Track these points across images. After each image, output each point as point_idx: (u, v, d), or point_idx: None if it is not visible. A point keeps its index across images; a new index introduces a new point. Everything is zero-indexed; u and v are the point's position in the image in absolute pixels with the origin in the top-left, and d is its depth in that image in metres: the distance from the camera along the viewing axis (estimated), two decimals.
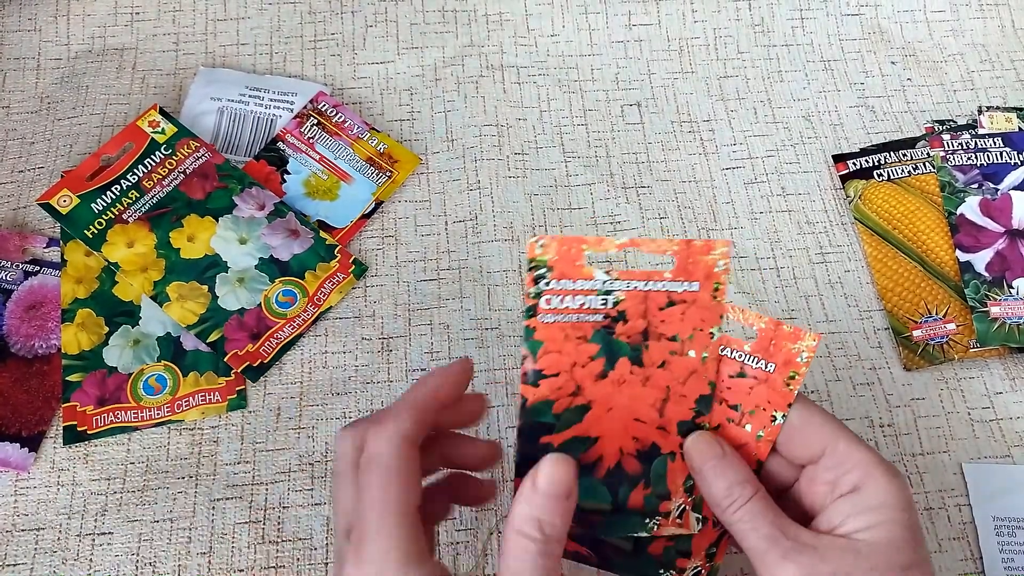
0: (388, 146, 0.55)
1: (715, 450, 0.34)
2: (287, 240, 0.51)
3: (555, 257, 0.35)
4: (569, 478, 0.32)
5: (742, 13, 0.62)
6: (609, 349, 0.35)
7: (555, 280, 0.35)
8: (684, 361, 0.36)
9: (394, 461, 0.31)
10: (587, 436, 0.35)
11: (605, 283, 0.35)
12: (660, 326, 0.36)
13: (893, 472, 0.33)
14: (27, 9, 0.59)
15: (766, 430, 0.36)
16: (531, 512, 0.31)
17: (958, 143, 0.55)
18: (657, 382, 0.36)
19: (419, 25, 0.60)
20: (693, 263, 0.35)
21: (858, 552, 0.31)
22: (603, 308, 0.35)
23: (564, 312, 0.35)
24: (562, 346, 0.35)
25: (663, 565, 0.37)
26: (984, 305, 0.49)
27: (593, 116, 0.58)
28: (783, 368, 0.35)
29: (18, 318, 0.48)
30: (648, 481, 0.36)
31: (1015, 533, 0.44)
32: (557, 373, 0.35)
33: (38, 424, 0.46)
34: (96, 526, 0.44)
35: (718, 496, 0.34)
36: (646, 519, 0.36)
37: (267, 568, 0.43)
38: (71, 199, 0.50)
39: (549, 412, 0.35)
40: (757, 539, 0.32)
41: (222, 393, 0.47)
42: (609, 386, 0.35)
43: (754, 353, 0.36)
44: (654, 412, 0.36)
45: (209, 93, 0.56)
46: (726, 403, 0.36)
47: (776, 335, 0.36)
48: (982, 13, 0.62)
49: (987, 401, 0.49)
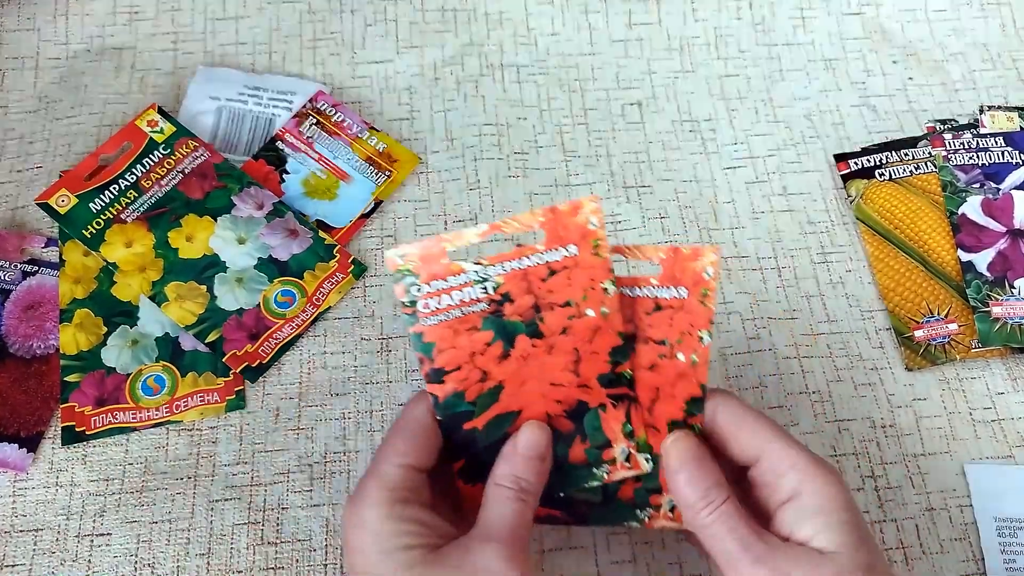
0: (387, 145, 0.55)
1: (694, 452, 0.35)
2: (286, 240, 0.50)
3: (418, 263, 0.36)
4: (544, 442, 0.36)
5: (743, 12, 0.62)
6: (503, 331, 0.36)
7: (425, 284, 0.36)
8: (585, 321, 0.36)
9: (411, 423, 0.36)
10: (508, 412, 0.37)
11: (478, 272, 0.36)
12: (549, 296, 0.36)
13: (827, 471, 0.34)
14: (26, 8, 0.59)
15: (697, 353, 0.36)
16: (511, 470, 0.35)
17: (960, 142, 0.55)
18: (563, 347, 0.37)
19: (419, 24, 0.60)
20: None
21: (822, 558, 0.32)
22: (485, 296, 0.36)
23: (447, 310, 0.36)
24: (454, 341, 0.36)
25: (637, 506, 0.38)
26: (986, 305, 0.49)
27: (593, 115, 0.57)
28: (694, 289, 0.36)
29: (16, 318, 0.48)
30: (584, 435, 0.37)
31: (1016, 534, 0.44)
32: (459, 367, 0.36)
33: (36, 425, 0.45)
34: (95, 527, 0.44)
35: (693, 499, 0.34)
36: (593, 469, 0.37)
37: (266, 569, 0.43)
38: (69, 199, 0.49)
39: (463, 401, 0.36)
40: (730, 543, 0.33)
41: (221, 394, 0.47)
42: (515, 363, 0.36)
43: (663, 284, 0.37)
44: (569, 375, 0.37)
45: (208, 92, 0.55)
46: (652, 341, 0.37)
47: (678, 260, 0.36)
48: (983, 12, 0.62)
49: (989, 401, 0.48)
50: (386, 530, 0.33)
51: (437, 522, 0.34)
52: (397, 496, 0.33)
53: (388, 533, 0.33)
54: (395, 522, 0.33)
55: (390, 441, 0.35)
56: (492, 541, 0.32)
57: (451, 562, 0.32)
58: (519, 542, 0.33)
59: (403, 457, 0.35)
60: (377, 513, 0.33)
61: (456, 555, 0.32)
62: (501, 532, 0.33)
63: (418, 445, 0.35)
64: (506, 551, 0.32)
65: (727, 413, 0.35)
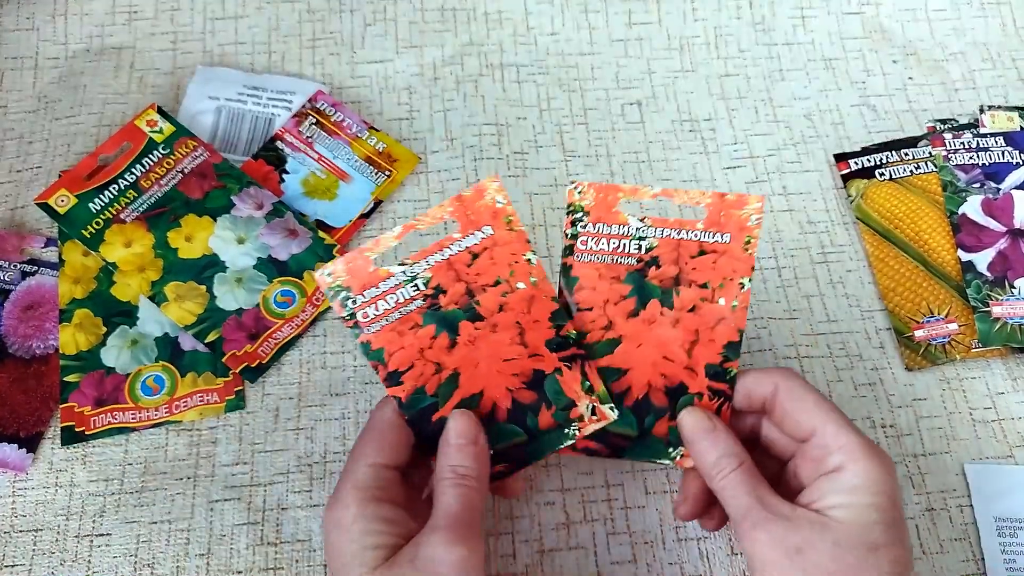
0: (387, 145, 0.55)
1: (706, 424, 0.37)
2: (285, 240, 0.50)
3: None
4: (472, 427, 0.37)
5: (743, 11, 0.62)
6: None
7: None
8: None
9: (378, 424, 0.37)
10: (471, 395, 0.38)
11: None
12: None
13: (879, 458, 0.35)
14: (25, 8, 0.59)
15: (738, 298, 0.38)
16: (446, 462, 0.36)
17: (960, 142, 0.54)
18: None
19: (418, 24, 0.60)
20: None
21: (826, 526, 0.33)
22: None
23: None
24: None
25: (670, 444, 0.39)
26: (986, 305, 0.49)
27: (593, 115, 0.57)
28: (738, 235, 0.38)
29: (16, 318, 0.48)
30: (548, 401, 0.38)
31: (1016, 534, 0.44)
32: (411, 365, 0.38)
33: (36, 425, 0.45)
34: (94, 527, 0.44)
35: (707, 466, 0.36)
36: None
37: (266, 570, 0.43)
38: (69, 199, 0.49)
39: (426, 396, 0.38)
40: (736, 507, 0.35)
41: (220, 394, 0.47)
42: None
43: (708, 228, 0.38)
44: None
45: (207, 92, 0.55)
46: (695, 284, 0.38)
47: (723, 206, 0.38)
48: (983, 12, 0.62)
49: (989, 401, 0.48)
50: (357, 529, 0.34)
51: (406, 520, 0.36)
52: (368, 495, 0.35)
53: (359, 532, 0.34)
54: (366, 521, 0.34)
55: (359, 443, 0.37)
56: (437, 530, 0.34)
57: (406, 558, 0.34)
58: (463, 526, 0.34)
59: (372, 457, 0.36)
60: (351, 513, 0.35)
61: (410, 552, 0.34)
62: (445, 520, 0.34)
63: (386, 444, 0.37)
64: (450, 536, 0.34)
65: (788, 389, 0.37)
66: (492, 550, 0.44)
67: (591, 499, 0.45)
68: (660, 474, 0.46)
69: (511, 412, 0.38)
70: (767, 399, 0.37)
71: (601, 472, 0.46)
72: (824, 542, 0.33)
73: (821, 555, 0.33)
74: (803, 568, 0.32)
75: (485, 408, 0.38)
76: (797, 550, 0.33)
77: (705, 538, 0.44)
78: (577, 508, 0.45)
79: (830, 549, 0.33)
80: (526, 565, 0.43)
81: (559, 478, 0.46)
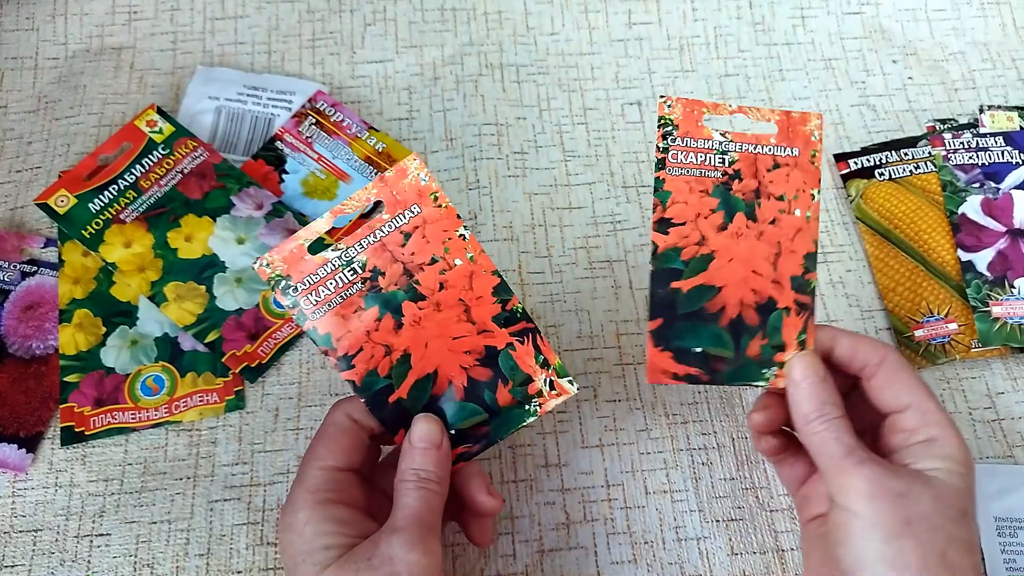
0: (387, 145, 0.55)
1: (820, 372, 0.37)
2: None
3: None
4: (435, 431, 0.37)
5: (743, 11, 0.62)
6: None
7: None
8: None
9: (329, 428, 0.38)
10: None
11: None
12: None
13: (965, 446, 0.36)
14: (24, 8, 0.59)
15: (811, 209, 0.39)
16: (408, 465, 0.36)
17: (959, 142, 0.54)
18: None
19: (418, 24, 0.60)
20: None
21: (929, 483, 0.34)
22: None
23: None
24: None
25: (763, 364, 0.39)
26: (986, 305, 0.49)
27: (593, 115, 0.57)
28: (805, 149, 0.39)
29: (16, 318, 0.48)
30: (504, 378, 0.39)
31: (1016, 534, 0.44)
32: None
33: (36, 425, 0.45)
34: (94, 527, 0.44)
35: (809, 409, 0.36)
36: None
37: (266, 570, 0.43)
38: (68, 199, 0.49)
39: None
40: (837, 446, 0.35)
41: (220, 394, 0.47)
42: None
43: (780, 143, 0.39)
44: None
45: (207, 92, 0.55)
46: (772, 196, 0.39)
47: (791, 122, 0.39)
48: (983, 12, 0.62)
49: (989, 401, 0.48)
50: (308, 531, 0.35)
51: (361, 521, 0.36)
52: (319, 498, 0.35)
53: (310, 534, 0.34)
54: (316, 523, 0.35)
55: (311, 447, 0.37)
56: (397, 531, 0.34)
57: (362, 557, 0.34)
58: (422, 528, 0.35)
59: (324, 460, 0.37)
60: (301, 516, 0.35)
61: (367, 549, 0.34)
62: (405, 521, 0.35)
63: (337, 447, 0.37)
64: (409, 538, 0.34)
65: (894, 362, 0.37)
66: (492, 550, 0.44)
67: (591, 499, 0.45)
68: (660, 473, 0.46)
69: (467, 390, 0.39)
70: (870, 367, 0.38)
71: (601, 472, 0.46)
72: (926, 495, 0.33)
73: (923, 505, 0.33)
74: (904, 513, 0.33)
75: (441, 387, 0.38)
76: (901, 495, 0.33)
77: (705, 538, 0.44)
78: (577, 508, 0.45)
79: (931, 503, 0.33)
80: (526, 565, 0.43)
81: (559, 478, 0.46)
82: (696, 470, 0.46)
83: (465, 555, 0.44)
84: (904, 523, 0.33)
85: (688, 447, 0.46)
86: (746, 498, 0.45)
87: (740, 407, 0.48)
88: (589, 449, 0.46)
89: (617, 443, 0.47)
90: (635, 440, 0.47)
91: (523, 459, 0.46)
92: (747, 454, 0.46)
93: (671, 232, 0.38)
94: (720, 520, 0.45)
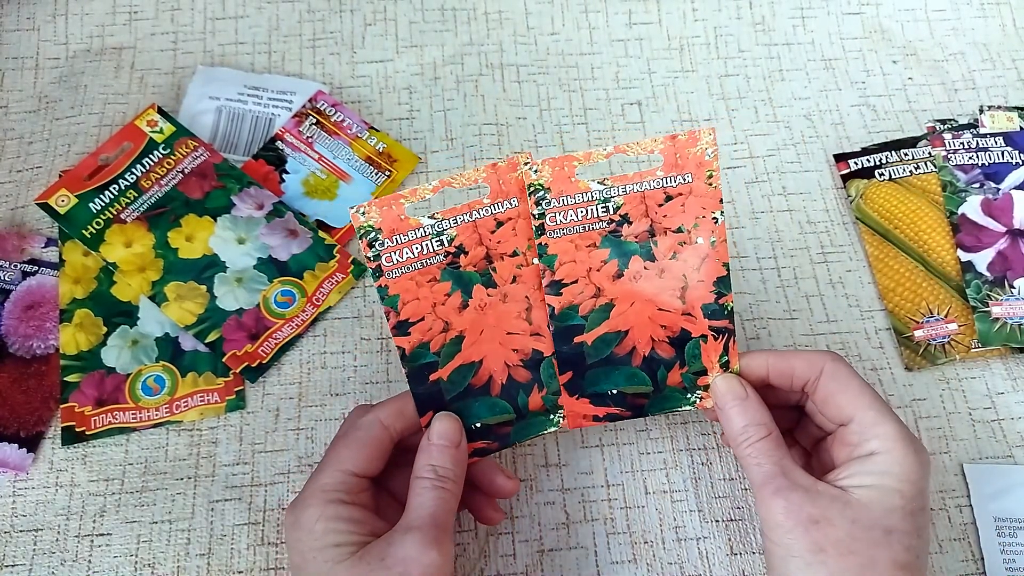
0: (387, 145, 0.55)
1: (739, 392, 0.38)
2: (286, 240, 0.50)
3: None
4: (455, 431, 0.37)
5: (743, 12, 0.62)
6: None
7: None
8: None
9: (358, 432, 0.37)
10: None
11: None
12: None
13: (915, 449, 0.35)
14: (25, 8, 0.59)
15: (715, 233, 0.38)
16: (427, 461, 0.37)
17: (959, 142, 0.55)
18: (515, 296, 0.39)
19: (418, 23, 0.60)
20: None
21: (847, 503, 0.34)
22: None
23: (408, 263, 0.38)
24: (417, 293, 0.38)
25: (688, 390, 0.39)
26: (986, 305, 0.49)
27: (593, 115, 0.57)
28: (699, 172, 0.38)
29: (16, 318, 0.48)
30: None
31: (1016, 534, 0.44)
32: (422, 317, 0.38)
33: (36, 425, 0.45)
34: (95, 527, 0.44)
35: (734, 432, 0.37)
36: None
37: (266, 570, 0.43)
38: (69, 199, 0.49)
39: (429, 352, 0.38)
40: (758, 473, 0.35)
41: (220, 394, 0.47)
42: (473, 313, 0.38)
43: (668, 174, 0.38)
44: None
45: (207, 92, 0.55)
46: (669, 231, 0.38)
47: (677, 148, 0.37)
48: (983, 12, 0.62)
49: (988, 401, 0.48)
50: (318, 529, 0.34)
51: (372, 520, 0.36)
52: (331, 497, 0.35)
53: (320, 531, 0.34)
54: (327, 521, 0.35)
55: (335, 448, 0.37)
56: (412, 530, 0.34)
57: (376, 555, 0.34)
58: (438, 527, 0.35)
59: (345, 464, 0.36)
60: (311, 513, 0.35)
61: (380, 548, 0.34)
62: (420, 520, 0.35)
63: (363, 453, 0.37)
64: (424, 537, 0.34)
65: (832, 373, 0.37)
66: (492, 550, 0.44)
67: (591, 499, 0.45)
68: (660, 473, 0.46)
69: (504, 387, 0.39)
70: (811, 381, 0.38)
71: (601, 472, 0.46)
72: (842, 518, 0.33)
73: (837, 529, 0.33)
74: (816, 539, 0.33)
75: (482, 378, 0.39)
76: (814, 521, 0.33)
77: (705, 538, 0.44)
78: (577, 508, 0.45)
79: (847, 525, 0.33)
80: (526, 565, 0.43)
81: (559, 478, 0.46)
82: (696, 470, 0.46)
83: (465, 555, 0.44)
84: (816, 551, 0.33)
85: (688, 447, 0.46)
86: (746, 498, 0.45)
87: None
88: (589, 449, 0.46)
89: (617, 443, 0.47)
90: (635, 440, 0.47)
91: (523, 459, 0.46)
92: None
93: (564, 292, 0.38)
94: (720, 520, 0.45)
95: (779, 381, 0.39)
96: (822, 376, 0.37)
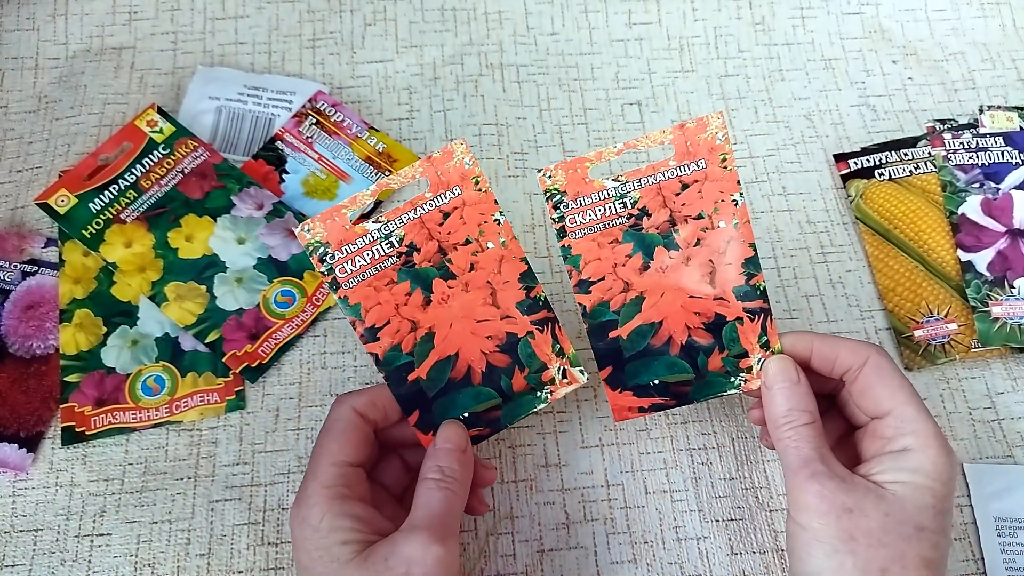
0: (387, 145, 0.55)
1: (791, 375, 0.38)
2: (286, 240, 0.50)
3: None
4: (461, 436, 0.38)
5: (743, 12, 0.62)
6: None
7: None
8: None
9: (336, 423, 0.37)
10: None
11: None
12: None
13: (947, 450, 0.35)
14: (25, 8, 0.59)
15: (736, 215, 0.38)
16: (434, 463, 0.37)
17: (959, 142, 0.55)
18: (476, 283, 0.39)
19: (418, 24, 0.60)
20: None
21: (881, 497, 0.34)
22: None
23: (362, 270, 0.38)
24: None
25: (731, 374, 0.39)
26: (985, 305, 0.49)
27: (593, 115, 0.57)
28: (712, 157, 0.38)
29: (16, 318, 0.48)
30: (521, 364, 0.39)
31: (1016, 533, 0.44)
32: (387, 321, 0.38)
33: (36, 425, 0.45)
34: (95, 527, 0.44)
35: (778, 414, 0.37)
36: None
37: (266, 570, 0.43)
38: (69, 199, 0.49)
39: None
40: (795, 457, 0.35)
41: (220, 394, 0.47)
42: (438, 308, 0.39)
43: (681, 162, 0.38)
44: (490, 308, 0.39)
45: (207, 92, 0.55)
46: (689, 218, 0.39)
47: (687, 136, 0.38)
48: (983, 12, 0.62)
49: (988, 401, 0.48)
50: (324, 526, 0.35)
51: (375, 518, 0.36)
52: (335, 493, 0.35)
53: (326, 529, 0.35)
54: (333, 518, 0.35)
55: (321, 442, 0.37)
56: (416, 529, 0.34)
57: (381, 556, 0.34)
58: (443, 528, 0.35)
59: (335, 455, 0.37)
60: (317, 511, 0.35)
61: (385, 549, 0.34)
62: (426, 521, 0.35)
63: (347, 442, 0.37)
64: (429, 538, 0.34)
65: (876, 365, 0.37)
66: (492, 550, 0.44)
67: (591, 499, 0.45)
68: (660, 473, 0.46)
69: (485, 375, 0.39)
70: (852, 370, 0.37)
71: (601, 472, 0.46)
72: (876, 510, 0.33)
73: (869, 521, 0.33)
74: (847, 528, 0.33)
75: (460, 371, 0.39)
76: (847, 510, 0.33)
77: (705, 538, 0.44)
78: (577, 508, 0.45)
79: (880, 518, 0.33)
80: (526, 565, 0.43)
81: (559, 478, 0.46)
82: (696, 470, 0.46)
83: (465, 555, 0.44)
84: (847, 539, 0.33)
85: (688, 447, 0.46)
86: (746, 498, 0.45)
87: (740, 407, 0.48)
88: (589, 449, 0.46)
89: (617, 443, 0.47)
90: (635, 440, 0.47)
91: (523, 459, 0.46)
92: (747, 454, 0.46)
93: (592, 290, 0.39)
94: (720, 520, 0.45)
95: (821, 366, 0.38)
96: (865, 366, 0.37)
